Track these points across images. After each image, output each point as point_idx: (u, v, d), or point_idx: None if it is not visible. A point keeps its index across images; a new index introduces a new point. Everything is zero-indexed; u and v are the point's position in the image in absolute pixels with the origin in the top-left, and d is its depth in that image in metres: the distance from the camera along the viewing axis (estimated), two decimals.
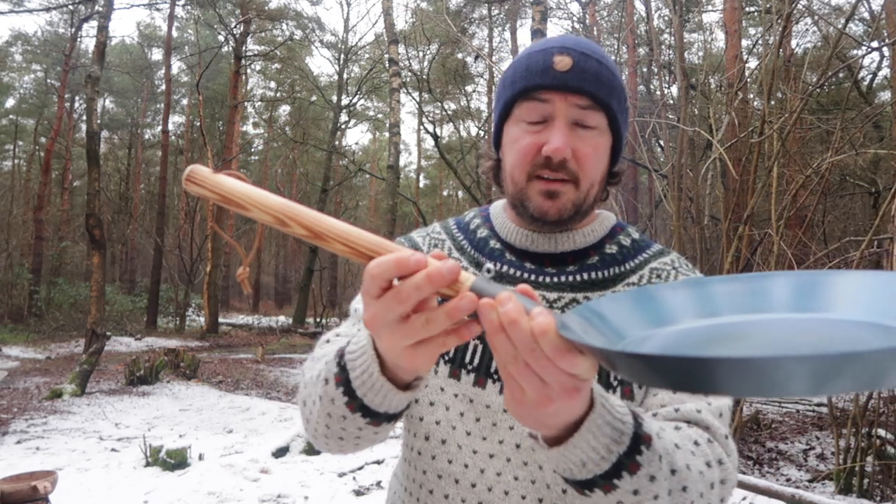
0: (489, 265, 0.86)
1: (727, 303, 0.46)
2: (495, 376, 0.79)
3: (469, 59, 16.82)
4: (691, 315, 0.46)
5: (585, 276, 0.83)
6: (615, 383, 0.78)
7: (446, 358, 0.81)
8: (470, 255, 0.88)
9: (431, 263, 0.47)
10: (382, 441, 0.77)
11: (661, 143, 9.92)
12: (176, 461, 4.47)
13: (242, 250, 0.60)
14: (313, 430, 0.74)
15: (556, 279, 0.82)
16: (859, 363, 0.30)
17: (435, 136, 13.65)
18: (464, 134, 17.39)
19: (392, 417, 0.67)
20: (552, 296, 0.82)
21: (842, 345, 0.38)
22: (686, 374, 0.33)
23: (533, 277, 0.83)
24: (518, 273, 0.84)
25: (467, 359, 0.80)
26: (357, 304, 0.88)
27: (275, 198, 0.52)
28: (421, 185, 34.36)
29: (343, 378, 0.63)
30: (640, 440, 0.56)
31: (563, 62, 0.76)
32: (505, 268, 0.84)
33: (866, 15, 11.79)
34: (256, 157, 33.34)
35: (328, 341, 0.84)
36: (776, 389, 0.31)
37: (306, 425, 0.76)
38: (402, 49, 13.71)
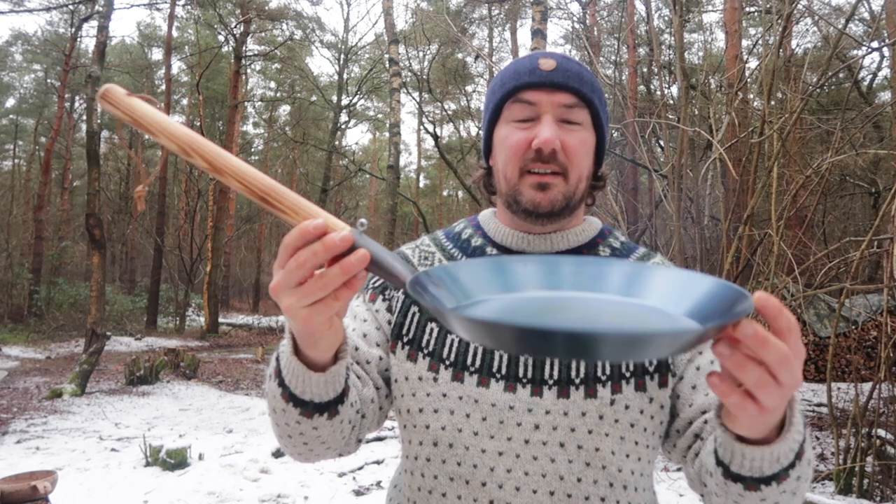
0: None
1: (570, 280, 0.53)
2: (498, 375, 0.79)
3: (469, 59, 16.82)
4: (535, 286, 0.53)
5: None
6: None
7: (447, 362, 0.81)
8: None
9: (330, 227, 0.53)
10: (337, 448, 0.78)
11: (661, 143, 9.92)
12: (176, 461, 4.47)
13: (145, 169, 0.64)
14: (277, 437, 0.77)
15: None
16: (601, 340, 0.38)
17: (435, 136, 13.64)
18: (464, 134, 17.38)
19: (321, 409, 0.70)
20: None
21: (613, 322, 0.48)
22: (478, 330, 0.40)
23: None
24: None
25: (468, 360, 0.81)
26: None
27: (182, 128, 0.55)
28: (421, 185, 34.36)
29: (278, 370, 0.69)
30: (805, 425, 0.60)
31: (547, 64, 0.81)
32: None
33: (866, 15, 11.79)
34: (256, 157, 33.32)
35: None
36: (542, 351, 0.39)
37: (273, 432, 0.80)
38: (402, 49, 13.70)
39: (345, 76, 22.01)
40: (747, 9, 12.20)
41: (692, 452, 0.78)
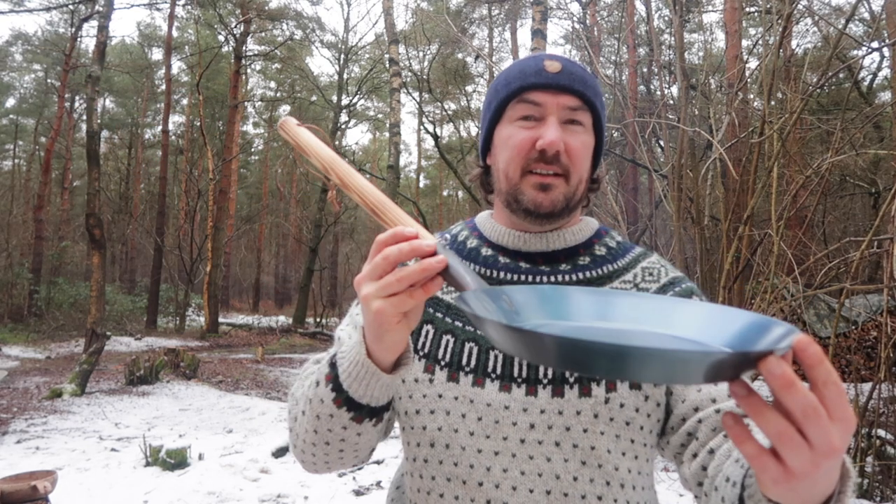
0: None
1: (623, 313, 0.53)
2: (493, 375, 0.80)
3: (469, 59, 16.82)
4: (588, 317, 0.53)
5: (581, 275, 0.86)
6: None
7: (443, 363, 0.82)
8: None
9: (421, 236, 0.59)
10: (364, 457, 0.80)
11: (661, 143, 9.92)
12: (176, 461, 4.48)
13: (323, 177, 0.79)
14: (302, 444, 0.78)
15: (551, 279, 0.85)
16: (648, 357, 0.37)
17: (435, 136, 13.66)
18: (464, 134, 17.39)
19: (373, 413, 0.72)
20: None
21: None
22: (541, 349, 0.41)
23: (529, 278, 0.85)
24: (514, 276, 0.86)
25: (464, 361, 0.81)
26: (341, 332, 0.91)
27: (328, 152, 0.69)
28: (421, 185, 34.37)
29: (333, 375, 0.71)
30: None
31: (553, 66, 0.82)
32: (501, 273, 0.86)
33: (866, 15, 11.79)
34: (256, 157, 33.32)
35: (317, 361, 0.88)
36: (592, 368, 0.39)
37: (294, 442, 0.80)
38: (402, 49, 13.70)
39: (345, 76, 22.02)
40: (747, 9, 12.20)
41: (688, 452, 0.77)
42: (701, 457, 0.74)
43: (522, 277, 0.85)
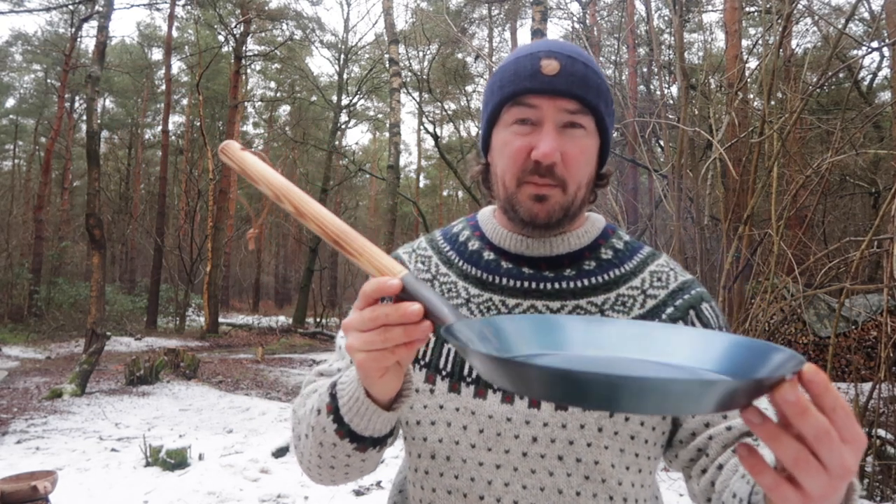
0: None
1: (612, 342, 0.53)
2: (495, 386, 0.77)
3: (469, 59, 16.82)
4: (579, 346, 0.53)
5: (585, 281, 0.82)
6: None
7: (444, 373, 0.80)
8: (458, 267, 0.87)
9: (402, 279, 0.56)
10: (371, 471, 0.81)
11: (661, 143, 9.93)
12: (176, 461, 4.48)
13: (254, 215, 0.73)
14: (307, 463, 0.79)
15: (555, 285, 0.82)
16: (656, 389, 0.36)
17: (435, 136, 13.67)
18: (464, 134, 17.40)
19: (377, 442, 0.72)
20: (555, 305, 0.81)
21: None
22: (544, 382, 0.39)
23: (533, 285, 0.82)
24: (517, 282, 0.83)
25: (465, 371, 0.79)
26: (340, 339, 0.89)
27: (278, 178, 0.65)
28: (421, 185, 34.36)
29: (333, 406, 0.70)
30: None
31: (550, 66, 0.76)
32: (504, 279, 0.83)
33: (866, 15, 11.80)
34: None
35: (320, 374, 0.88)
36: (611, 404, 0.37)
37: (300, 458, 0.81)
38: (402, 49, 13.71)
39: (345, 76, 22.02)
40: (747, 9, 12.20)
41: (697, 468, 0.76)
42: (710, 473, 0.73)
43: (525, 283, 0.82)
